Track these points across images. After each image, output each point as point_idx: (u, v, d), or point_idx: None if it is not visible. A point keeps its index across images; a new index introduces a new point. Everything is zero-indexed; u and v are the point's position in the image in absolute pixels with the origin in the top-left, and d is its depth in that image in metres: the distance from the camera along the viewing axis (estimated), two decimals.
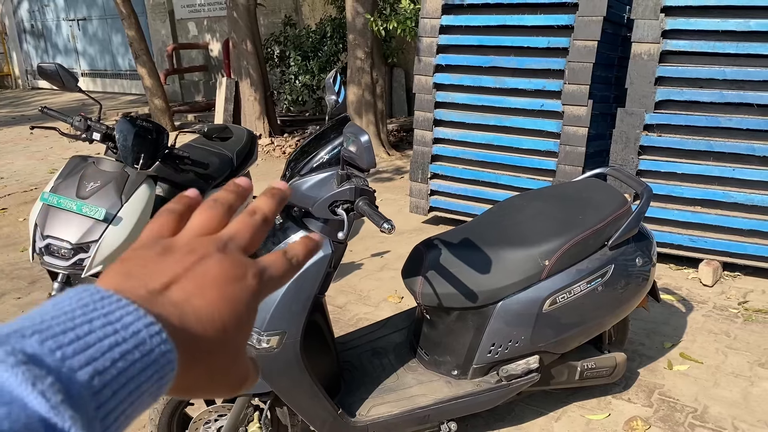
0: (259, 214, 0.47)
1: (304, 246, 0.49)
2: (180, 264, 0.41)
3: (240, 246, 0.45)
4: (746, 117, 3.60)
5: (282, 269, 0.46)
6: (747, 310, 3.41)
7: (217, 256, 0.42)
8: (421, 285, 2.27)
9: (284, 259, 0.47)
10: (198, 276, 0.41)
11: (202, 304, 0.40)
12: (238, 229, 0.45)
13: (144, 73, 8.35)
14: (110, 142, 2.89)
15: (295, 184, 1.97)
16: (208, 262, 0.42)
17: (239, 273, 0.42)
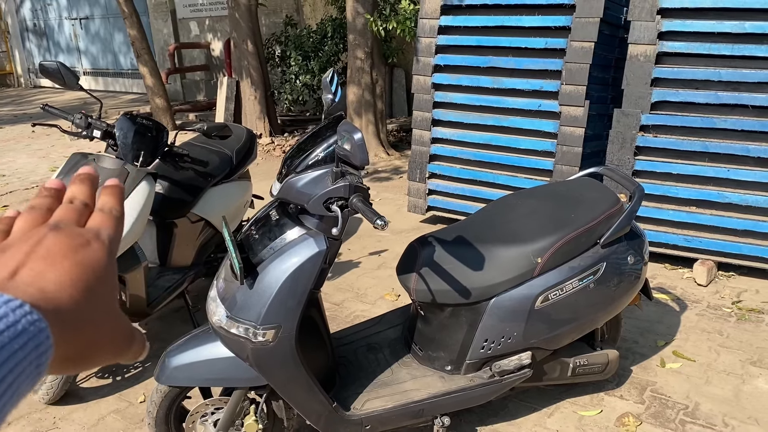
0: (78, 202, 0.49)
1: (111, 195, 0.51)
2: (20, 251, 0.43)
3: (69, 222, 0.47)
4: (741, 118, 3.63)
5: (112, 225, 0.49)
6: (741, 309, 3.44)
7: (52, 234, 0.44)
8: (415, 281, 2.31)
9: (107, 216, 0.49)
10: (42, 254, 0.42)
11: (57, 274, 0.42)
12: (61, 214, 0.48)
13: (146, 72, 8.39)
14: (111, 140, 2.92)
15: (290, 181, 2.00)
16: (47, 241, 0.44)
17: (81, 240, 0.45)
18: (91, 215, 0.49)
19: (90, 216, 0.49)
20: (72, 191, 0.51)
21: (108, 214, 0.50)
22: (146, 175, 2.83)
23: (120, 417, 2.74)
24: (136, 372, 3.07)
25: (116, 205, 0.51)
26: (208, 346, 2.13)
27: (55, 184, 0.52)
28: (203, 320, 3.35)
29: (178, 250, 3.35)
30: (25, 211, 0.49)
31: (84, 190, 0.51)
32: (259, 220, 2.18)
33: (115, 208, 0.51)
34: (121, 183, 0.54)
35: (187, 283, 3.31)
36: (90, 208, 0.50)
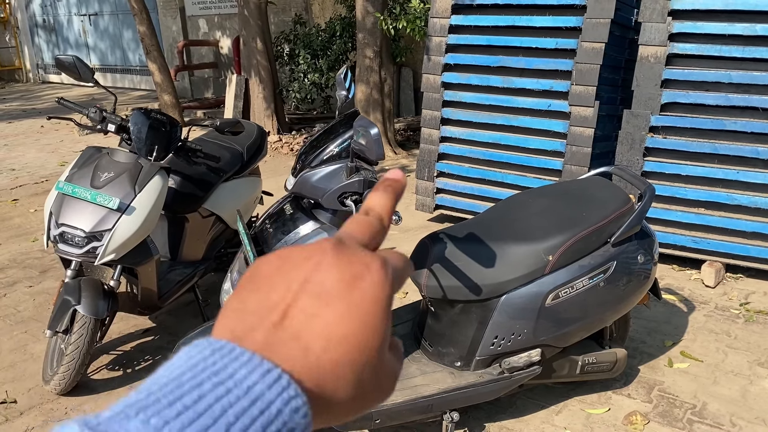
0: (372, 215, 0.42)
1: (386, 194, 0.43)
2: (296, 275, 0.35)
3: (357, 240, 0.39)
4: (751, 120, 3.64)
5: (402, 259, 0.40)
6: (748, 311, 3.44)
7: (332, 254, 0.36)
8: (427, 277, 2.32)
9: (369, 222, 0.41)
10: (316, 286, 0.35)
11: (324, 324, 0.33)
12: (351, 227, 0.40)
13: (155, 69, 8.42)
14: (124, 134, 2.95)
15: (305, 176, 2.02)
16: (323, 264, 0.35)
17: (359, 268, 0.36)
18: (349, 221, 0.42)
19: (380, 233, 0.41)
20: (375, 200, 0.43)
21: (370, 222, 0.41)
22: (159, 170, 2.85)
23: None
24: (147, 364, 3.09)
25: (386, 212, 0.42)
26: None
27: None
28: (213, 314, 3.38)
29: (189, 245, 3.38)
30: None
31: (386, 202, 0.43)
32: (273, 214, 2.20)
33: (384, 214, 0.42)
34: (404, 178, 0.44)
35: (198, 278, 3.34)
36: (384, 227, 0.42)
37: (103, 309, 2.70)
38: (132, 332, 3.39)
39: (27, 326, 3.46)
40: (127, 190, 2.72)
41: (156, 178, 2.81)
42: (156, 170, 2.83)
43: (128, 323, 3.45)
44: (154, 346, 3.26)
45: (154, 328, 3.44)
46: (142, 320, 3.47)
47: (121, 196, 2.70)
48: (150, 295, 2.99)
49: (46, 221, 2.75)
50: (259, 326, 0.33)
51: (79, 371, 2.73)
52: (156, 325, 3.47)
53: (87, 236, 2.66)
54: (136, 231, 2.71)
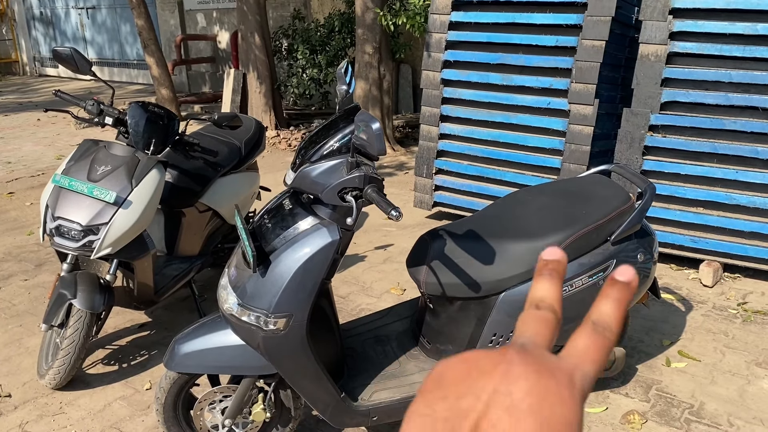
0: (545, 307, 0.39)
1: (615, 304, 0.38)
2: (484, 384, 0.34)
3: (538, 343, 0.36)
4: (751, 120, 3.63)
5: (597, 359, 0.36)
6: (746, 311, 3.44)
7: (518, 361, 0.34)
8: (426, 274, 2.31)
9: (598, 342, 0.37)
10: (505, 398, 0.33)
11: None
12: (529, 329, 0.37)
13: (152, 63, 8.38)
14: (122, 127, 2.93)
15: (305, 171, 2.01)
16: (511, 374, 0.34)
17: (551, 386, 0.33)
18: (577, 331, 0.37)
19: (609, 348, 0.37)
20: (540, 290, 0.39)
21: (600, 339, 0.37)
22: (157, 164, 2.83)
23: (126, 403, 2.74)
24: (142, 359, 3.08)
25: (615, 324, 0.38)
26: (218, 333, 2.13)
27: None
28: (209, 310, 3.37)
29: (186, 240, 3.36)
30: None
31: (554, 289, 0.39)
32: (272, 209, 2.18)
33: (613, 328, 0.38)
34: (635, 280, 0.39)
35: (194, 273, 3.32)
36: (559, 317, 0.39)
37: (99, 303, 2.68)
38: (128, 327, 3.37)
39: (22, 320, 3.44)
40: (124, 184, 2.70)
41: (153, 172, 2.79)
42: (153, 164, 2.80)
43: (124, 318, 3.43)
44: (149, 341, 3.24)
45: (150, 323, 3.43)
46: (137, 315, 3.46)
47: (118, 189, 2.68)
48: (146, 289, 2.97)
49: (42, 214, 2.73)
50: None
51: (74, 366, 2.71)
52: (152, 320, 3.45)
53: (83, 230, 2.64)
54: (132, 225, 2.69)
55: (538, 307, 0.39)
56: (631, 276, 0.39)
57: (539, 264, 0.40)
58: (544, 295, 0.39)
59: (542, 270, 0.41)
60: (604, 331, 0.37)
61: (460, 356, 0.36)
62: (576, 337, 0.37)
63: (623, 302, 0.38)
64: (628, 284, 0.39)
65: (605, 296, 0.38)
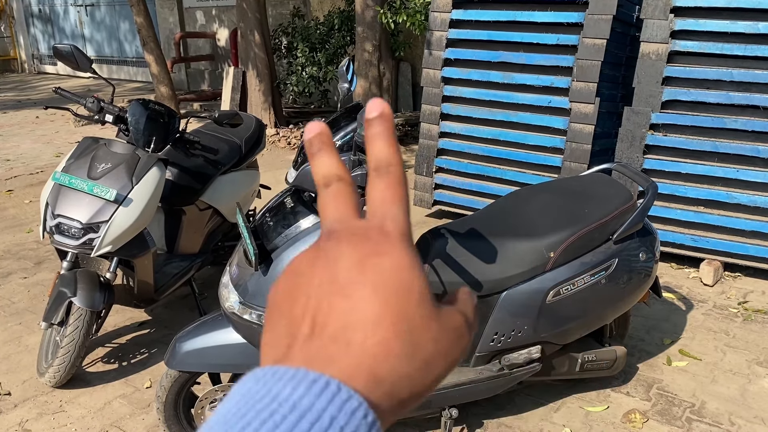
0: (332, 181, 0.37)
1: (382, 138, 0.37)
2: (308, 282, 0.34)
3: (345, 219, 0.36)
4: (752, 119, 3.63)
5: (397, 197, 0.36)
6: (747, 310, 3.44)
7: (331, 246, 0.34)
8: (427, 273, 2.30)
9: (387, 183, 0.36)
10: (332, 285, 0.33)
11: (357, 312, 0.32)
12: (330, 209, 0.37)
13: (151, 60, 8.37)
14: (122, 125, 2.92)
15: (307, 169, 2.00)
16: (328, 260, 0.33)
17: (369, 248, 0.33)
18: (369, 183, 0.37)
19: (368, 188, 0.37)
20: (320, 167, 0.38)
21: (388, 177, 0.36)
22: (157, 161, 2.82)
23: (126, 402, 2.74)
24: (142, 358, 3.07)
25: (395, 157, 0.37)
26: (220, 332, 2.13)
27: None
28: (210, 308, 3.36)
29: (186, 238, 3.35)
30: None
31: (331, 161, 0.38)
32: (273, 207, 2.18)
33: (393, 162, 0.37)
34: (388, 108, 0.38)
35: (194, 271, 3.31)
36: (349, 181, 0.38)
37: (99, 301, 2.67)
38: (128, 325, 3.37)
39: (22, 318, 3.43)
40: (124, 182, 2.69)
41: (153, 170, 2.78)
42: (154, 162, 2.80)
43: (124, 316, 3.42)
44: (149, 340, 3.23)
45: (150, 321, 3.42)
46: (138, 313, 3.45)
47: (119, 187, 2.67)
48: (146, 287, 2.96)
49: (42, 212, 2.72)
50: (294, 343, 0.32)
51: (74, 364, 2.70)
52: (152, 318, 3.44)
53: (83, 227, 2.63)
54: (133, 223, 2.69)
55: (327, 186, 0.38)
56: (380, 107, 0.38)
57: (306, 145, 0.39)
58: (326, 171, 0.38)
59: (311, 148, 0.39)
60: (388, 168, 0.37)
61: (282, 273, 0.35)
62: (369, 191, 0.37)
63: (388, 133, 0.37)
64: (381, 115, 0.37)
65: (370, 138, 0.38)
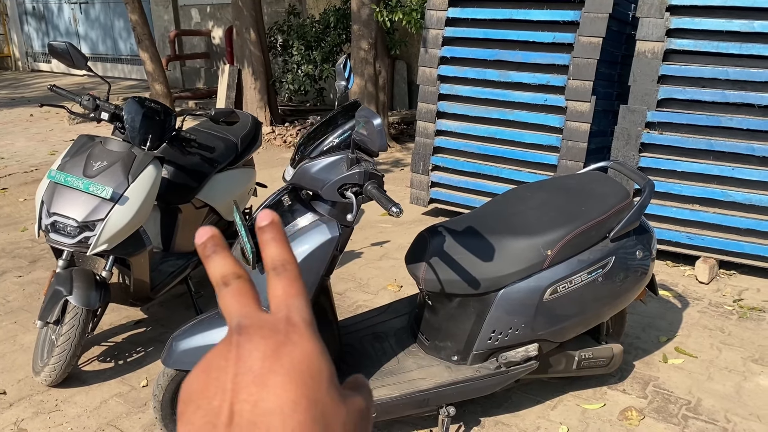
0: (230, 280, 0.40)
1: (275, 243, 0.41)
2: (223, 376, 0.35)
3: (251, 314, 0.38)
4: (747, 117, 3.64)
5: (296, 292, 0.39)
6: (742, 307, 3.45)
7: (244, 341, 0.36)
8: (425, 271, 2.30)
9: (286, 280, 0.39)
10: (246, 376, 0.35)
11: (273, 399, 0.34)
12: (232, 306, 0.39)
13: (146, 58, 8.34)
14: (118, 122, 2.91)
15: (305, 167, 1.99)
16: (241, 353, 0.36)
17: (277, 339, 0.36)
18: (269, 283, 0.40)
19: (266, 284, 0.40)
20: (216, 268, 0.40)
21: (285, 275, 0.39)
22: (153, 159, 2.81)
23: (122, 400, 2.73)
24: (138, 356, 3.06)
25: (288, 257, 0.40)
26: (217, 330, 2.12)
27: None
28: (205, 306, 3.35)
29: (182, 236, 3.34)
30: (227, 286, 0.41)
31: (225, 261, 0.40)
32: (270, 205, 2.17)
33: (288, 261, 0.40)
34: (276, 216, 0.42)
35: (191, 269, 3.30)
36: (245, 276, 0.40)
37: (95, 300, 2.66)
38: (123, 324, 3.36)
39: (17, 317, 3.41)
40: (120, 180, 2.68)
41: (149, 168, 2.77)
42: (150, 160, 2.78)
43: (120, 314, 3.41)
44: (145, 338, 3.22)
45: (146, 319, 3.41)
46: (133, 312, 3.44)
47: (114, 185, 2.66)
48: (142, 286, 2.95)
49: (37, 210, 2.71)
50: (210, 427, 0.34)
51: (70, 363, 2.69)
52: (148, 317, 3.43)
53: (79, 226, 2.62)
54: (129, 221, 2.68)
55: (227, 284, 0.40)
56: (269, 216, 0.41)
57: (199, 249, 0.41)
58: (224, 271, 0.40)
59: (205, 251, 0.41)
60: (284, 267, 0.40)
61: (195, 367, 0.37)
62: (270, 289, 0.39)
63: (279, 236, 0.41)
64: (271, 223, 0.41)
65: (264, 243, 0.41)
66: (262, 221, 0.41)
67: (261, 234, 0.41)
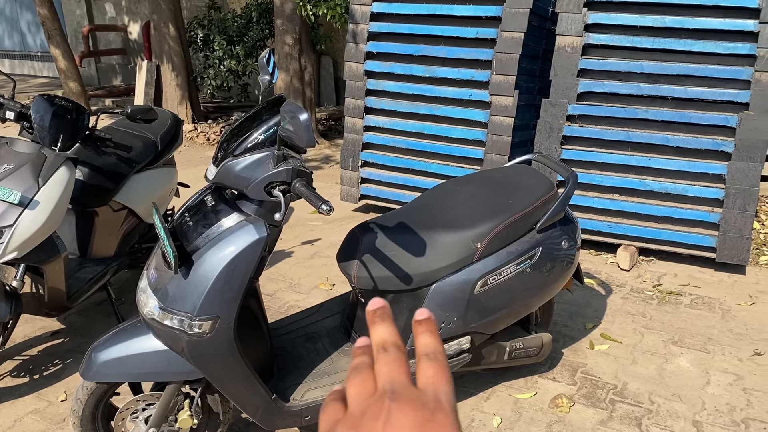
0: (390, 347, 0.45)
1: (429, 333, 0.46)
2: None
3: (404, 384, 0.42)
4: (661, 109, 3.79)
5: (446, 378, 0.43)
6: (661, 292, 3.60)
7: (395, 407, 0.40)
8: (357, 268, 2.27)
9: (438, 366, 0.44)
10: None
11: None
12: (388, 371, 0.43)
13: (58, 55, 7.92)
14: (25, 122, 2.73)
15: (228, 165, 1.92)
16: (393, 418, 0.40)
17: (425, 414, 0.40)
18: (419, 366, 0.44)
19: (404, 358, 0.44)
20: (379, 334, 0.46)
21: (436, 362, 0.44)
22: (65, 161, 2.65)
23: (39, 417, 2.57)
24: (56, 369, 2.89)
25: (440, 348, 0.45)
26: (139, 339, 2.01)
27: (365, 342, 0.48)
28: (127, 314, 3.20)
29: (100, 240, 3.18)
30: (349, 374, 0.46)
31: (389, 329, 0.46)
32: (192, 206, 2.08)
33: (441, 352, 0.45)
34: (432, 315, 0.48)
35: (110, 275, 3.15)
36: (402, 350, 0.45)
37: (6, 312, 2.49)
38: (39, 335, 3.16)
39: None
40: (29, 183, 2.51)
41: (61, 170, 2.61)
42: (61, 161, 2.62)
43: (34, 326, 3.21)
44: (63, 350, 3.05)
45: (64, 330, 3.22)
46: (49, 322, 3.24)
47: (23, 189, 2.49)
48: (58, 295, 2.78)
49: None
50: None
51: None
52: (65, 327, 3.25)
53: None
54: (40, 227, 2.51)
55: (386, 350, 0.45)
56: (427, 313, 0.47)
57: (368, 315, 0.48)
58: (385, 337, 0.46)
59: (374, 318, 0.47)
60: (436, 357, 0.44)
61: (345, 421, 0.42)
62: (421, 370, 0.44)
63: (434, 331, 0.46)
64: (429, 318, 0.47)
65: (420, 333, 0.46)
66: (420, 316, 0.47)
67: (418, 326, 0.46)
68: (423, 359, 0.45)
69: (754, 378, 2.80)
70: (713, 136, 3.71)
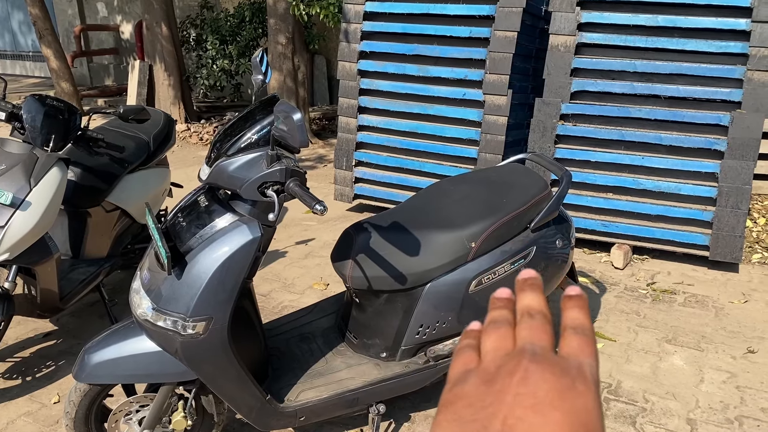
0: (537, 314, 0.44)
1: (580, 309, 0.44)
2: (505, 388, 0.38)
3: (545, 348, 0.41)
4: (654, 108, 3.80)
5: (593, 353, 0.41)
6: (655, 290, 3.61)
7: (534, 367, 0.39)
8: (351, 268, 2.26)
9: (586, 341, 0.42)
10: (528, 398, 0.37)
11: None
12: (530, 335, 0.42)
13: (50, 55, 7.88)
14: (17, 122, 2.71)
15: (222, 165, 1.91)
16: (532, 378, 0.38)
17: (567, 381, 0.38)
18: (564, 337, 0.42)
19: (551, 329, 0.43)
20: (527, 301, 0.45)
21: (585, 337, 0.42)
22: (57, 161, 2.63)
23: (32, 420, 2.55)
24: (48, 371, 2.87)
25: (589, 324, 0.43)
26: (132, 340, 2.00)
27: (506, 293, 0.47)
28: (120, 315, 3.19)
29: (92, 241, 3.16)
30: (488, 326, 0.44)
31: (539, 299, 0.45)
32: (186, 206, 2.07)
33: (589, 328, 0.43)
34: (585, 294, 0.46)
35: (103, 276, 3.13)
36: (549, 320, 0.43)
37: None
38: (31, 337, 3.14)
39: None
40: (21, 184, 2.49)
41: (53, 170, 2.60)
42: (53, 161, 2.61)
43: (27, 327, 3.19)
44: (56, 351, 3.03)
45: (57, 331, 3.21)
46: (42, 323, 3.23)
47: (15, 190, 2.47)
48: (50, 296, 2.77)
49: None
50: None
51: None
52: (58, 329, 3.23)
53: None
54: (32, 228, 2.50)
55: (531, 315, 0.43)
56: (579, 290, 0.45)
57: (517, 285, 0.46)
58: (531, 303, 0.44)
59: (523, 287, 0.46)
60: (584, 331, 0.42)
61: (475, 371, 0.41)
62: (566, 340, 0.42)
63: (584, 308, 0.44)
64: (580, 295, 0.45)
65: (569, 308, 0.44)
66: (572, 291, 0.45)
67: (568, 300, 0.45)
68: (569, 331, 0.43)
69: (748, 375, 2.81)
70: (706, 135, 3.72)
